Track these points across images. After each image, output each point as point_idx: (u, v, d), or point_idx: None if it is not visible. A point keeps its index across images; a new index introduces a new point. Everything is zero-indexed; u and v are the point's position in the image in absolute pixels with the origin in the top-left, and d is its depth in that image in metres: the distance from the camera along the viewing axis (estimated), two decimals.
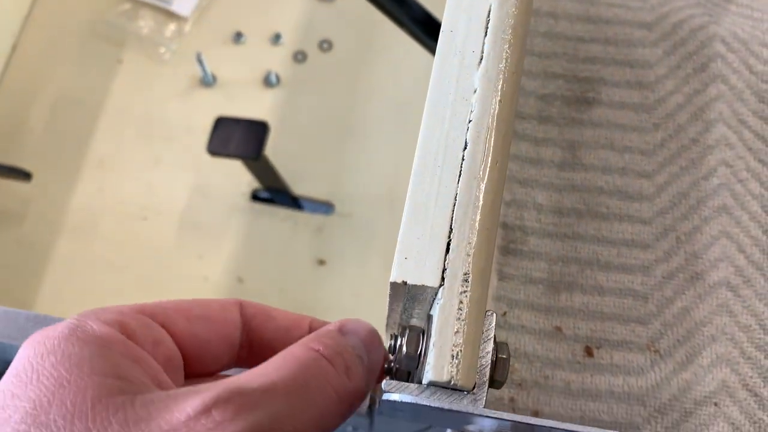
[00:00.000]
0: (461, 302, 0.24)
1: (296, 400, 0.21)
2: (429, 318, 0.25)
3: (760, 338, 0.37)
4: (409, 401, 0.23)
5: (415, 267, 0.24)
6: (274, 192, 0.79)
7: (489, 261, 0.25)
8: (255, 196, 0.79)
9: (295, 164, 0.79)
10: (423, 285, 0.24)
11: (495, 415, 0.23)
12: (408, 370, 0.25)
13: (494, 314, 0.25)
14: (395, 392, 0.24)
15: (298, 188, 0.79)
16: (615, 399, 0.36)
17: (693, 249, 0.39)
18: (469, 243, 0.24)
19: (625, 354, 0.37)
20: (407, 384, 0.24)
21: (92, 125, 0.81)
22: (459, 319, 0.24)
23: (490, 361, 0.24)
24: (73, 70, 0.83)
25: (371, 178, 0.79)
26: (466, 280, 0.24)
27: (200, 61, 0.78)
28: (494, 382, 0.24)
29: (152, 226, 0.77)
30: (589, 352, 0.37)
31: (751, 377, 0.37)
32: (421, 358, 0.24)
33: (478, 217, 0.25)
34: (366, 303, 0.75)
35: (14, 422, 0.18)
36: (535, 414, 0.36)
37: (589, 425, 0.35)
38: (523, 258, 0.39)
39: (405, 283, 0.24)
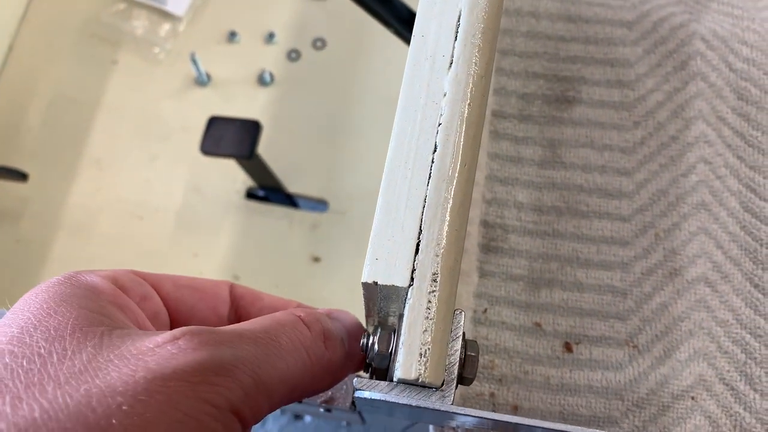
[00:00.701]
0: (430, 302, 0.24)
1: (263, 348, 0.22)
2: (400, 317, 0.25)
3: (737, 333, 0.38)
4: (378, 398, 0.24)
5: (386, 267, 0.25)
6: (268, 190, 0.80)
7: (458, 261, 0.25)
8: (250, 194, 0.80)
9: (289, 162, 0.80)
10: (393, 285, 0.25)
11: (461, 412, 0.24)
12: (380, 368, 0.26)
13: (463, 313, 0.25)
14: (366, 390, 0.24)
15: (292, 186, 0.80)
16: (594, 394, 0.37)
17: (672, 245, 0.40)
18: (438, 244, 0.25)
19: (603, 349, 0.38)
20: (377, 382, 0.24)
21: (88, 125, 0.81)
22: (427, 318, 0.24)
23: (458, 359, 0.25)
24: (68, 71, 0.84)
25: (365, 175, 0.80)
26: (435, 280, 0.25)
27: (194, 61, 0.79)
28: (463, 380, 0.25)
29: (148, 225, 0.78)
30: (568, 347, 0.38)
31: (728, 371, 0.37)
32: (392, 356, 0.25)
33: (447, 218, 0.25)
34: (360, 299, 0.76)
35: (1, 343, 0.20)
36: (515, 409, 0.36)
37: (568, 420, 0.36)
38: (503, 255, 0.39)
39: (376, 283, 0.25)
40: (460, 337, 0.25)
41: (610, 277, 0.39)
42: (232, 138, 0.67)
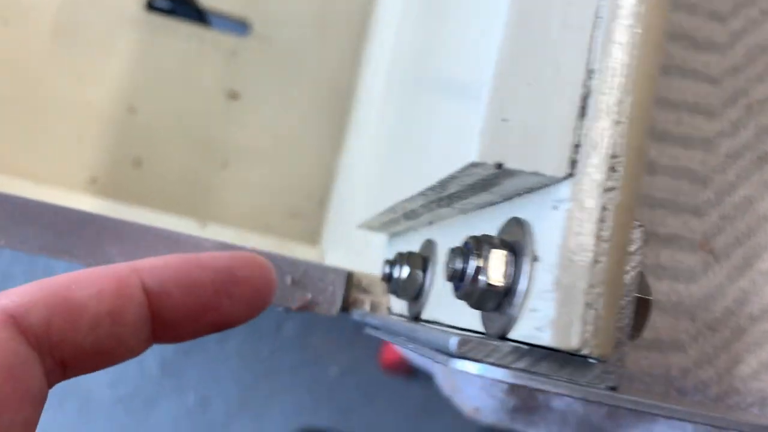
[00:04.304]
0: (605, 208, 0.13)
1: None
2: (522, 227, 0.14)
3: None
4: (499, 377, 0.13)
5: (522, 139, 0.13)
6: (175, 1, 0.63)
7: (646, 132, 0.14)
8: (151, 5, 0.62)
9: None
10: (536, 172, 0.13)
11: (631, 405, 0.14)
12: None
13: (642, 227, 0.14)
14: (474, 357, 0.13)
15: None
16: (659, 310, 0.28)
17: (765, 122, 0.30)
18: (621, 101, 0.13)
19: (673, 253, 0.29)
20: (493, 343, 0.13)
21: None
22: (600, 238, 0.13)
23: (631, 309, 0.14)
24: None
25: None
26: (614, 169, 0.13)
27: None
28: (632, 337, 0.15)
29: (16, 33, 0.60)
30: None
31: None
32: (510, 295, 0.14)
33: (636, 54, 0.14)
34: (286, 146, 0.64)
35: None
36: None
37: None
38: None
39: (500, 166, 0.13)
40: (638, 270, 0.14)
41: (690, 158, 0.29)
42: None
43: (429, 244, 0.22)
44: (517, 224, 0.14)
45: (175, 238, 0.27)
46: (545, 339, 0.13)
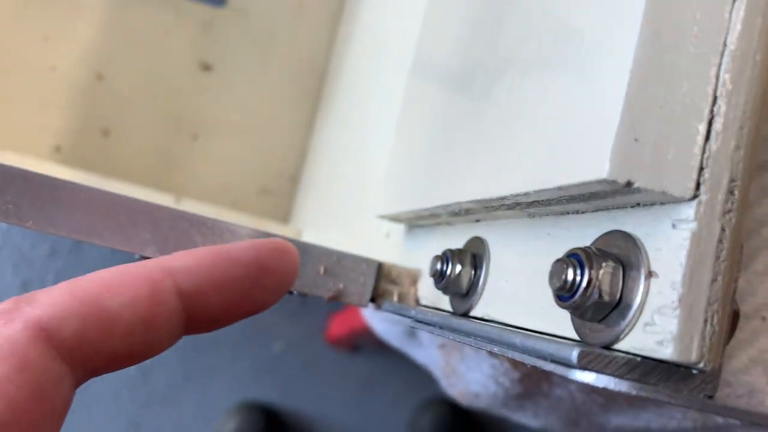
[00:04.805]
0: (723, 229, 0.14)
1: None
2: (631, 241, 0.15)
3: None
4: (612, 387, 0.14)
5: (652, 159, 0.14)
6: None
7: (760, 155, 0.15)
8: None
9: None
10: (664, 192, 0.14)
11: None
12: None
13: (741, 245, 0.15)
14: (593, 368, 0.14)
15: None
16: None
17: None
18: (742, 127, 0.14)
19: None
20: (611, 354, 0.14)
21: None
22: (718, 258, 0.14)
23: (729, 322, 0.15)
24: None
25: None
26: (732, 192, 0.14)
27: None
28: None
29: None
30: None
31: None
32: (619, 308, 0.15)
33: (760, 81, 0.14)
34: (259, 121, 0.63)
35: None
36: None
37: None
38: None
39: (630, 184, 0.14)
40: (736, 285, 0.15)
41: None
42: None
43: (478, 242, 0.22)
44: (623, 238, 0.15)
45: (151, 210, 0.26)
46: (667, 353, 0.14)
